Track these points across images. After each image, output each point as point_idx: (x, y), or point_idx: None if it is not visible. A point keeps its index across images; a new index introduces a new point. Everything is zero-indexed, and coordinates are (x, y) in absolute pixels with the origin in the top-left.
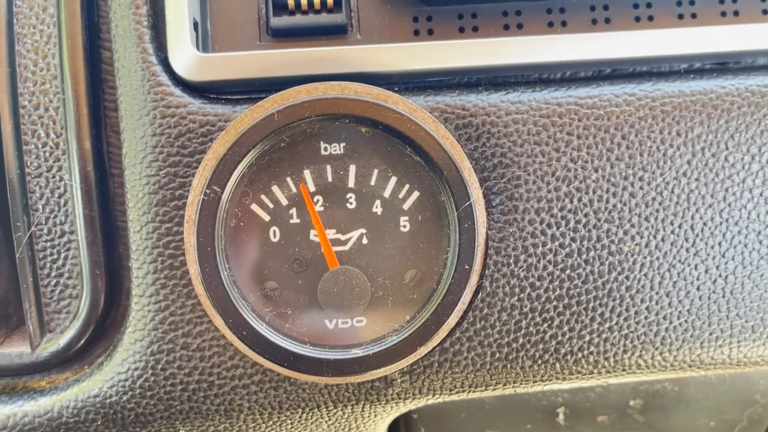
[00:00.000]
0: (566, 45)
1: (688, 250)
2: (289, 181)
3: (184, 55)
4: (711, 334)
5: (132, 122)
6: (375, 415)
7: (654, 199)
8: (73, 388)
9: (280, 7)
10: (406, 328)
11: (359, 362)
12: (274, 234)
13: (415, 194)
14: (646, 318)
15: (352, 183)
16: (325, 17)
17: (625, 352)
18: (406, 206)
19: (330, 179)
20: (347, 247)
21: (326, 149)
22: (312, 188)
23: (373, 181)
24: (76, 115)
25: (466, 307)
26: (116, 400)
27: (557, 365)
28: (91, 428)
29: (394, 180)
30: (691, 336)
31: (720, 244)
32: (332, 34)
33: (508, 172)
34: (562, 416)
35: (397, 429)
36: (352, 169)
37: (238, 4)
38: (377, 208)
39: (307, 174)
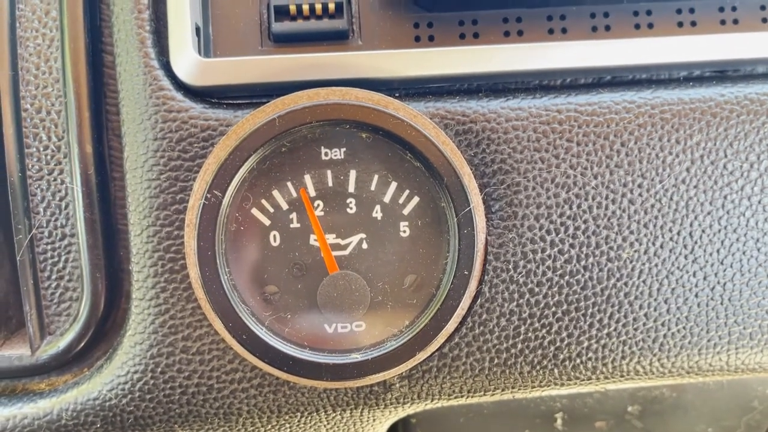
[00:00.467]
0: (566, 52)
1: (686, 257)
2: (290, 185)
3: (186, 60)
4: (709, 340)
5: (133, 126)
6: (373, 419)
7: (653, 206)
8: (73, 390)
9: (281, 13)
10: (405, 333)
11: (358, 367)
12: (275, 238)
13: (415, 200)
14: (645, 324)
15: (352, 188)
16: (326, 23)
17: (623, 358)
18: (406, 211)
19: (330, 184)
20: (347, 251)
21: (327, 154)
22: (312, 193)
23: (373, 186)
24: (78, 119)
25: (465, 312)
26: (116, 403)
27: (556, 371)
28: (91, 431)
29: (394, 185)
30: (689, 342)
31: (718, 251)
32: (333, 39)
33: (508, 178)
34: (560, 422)
35: None
36: (353, 174)
37: (240, 9)
38: (377, 213)
39: (307, 179)
